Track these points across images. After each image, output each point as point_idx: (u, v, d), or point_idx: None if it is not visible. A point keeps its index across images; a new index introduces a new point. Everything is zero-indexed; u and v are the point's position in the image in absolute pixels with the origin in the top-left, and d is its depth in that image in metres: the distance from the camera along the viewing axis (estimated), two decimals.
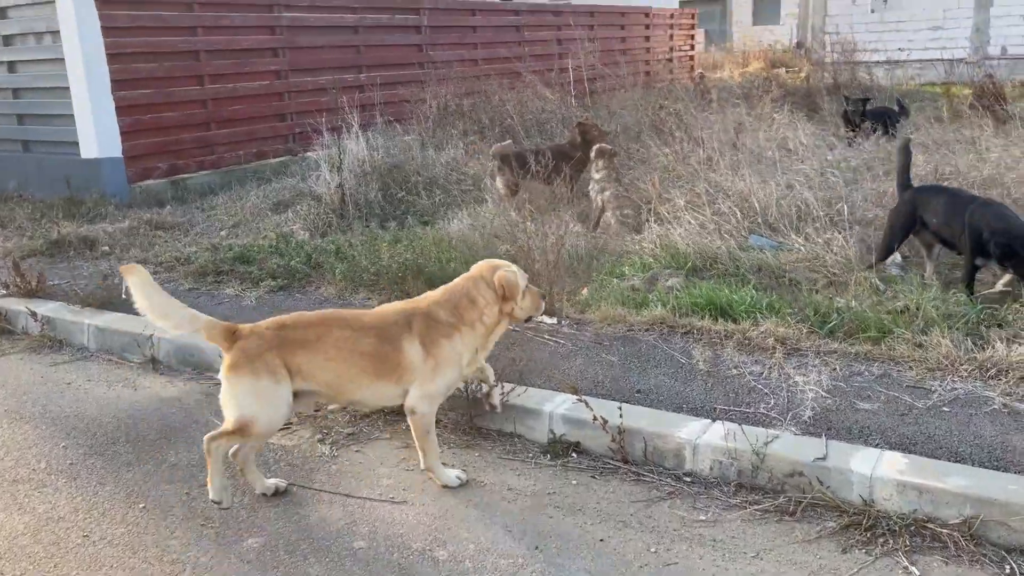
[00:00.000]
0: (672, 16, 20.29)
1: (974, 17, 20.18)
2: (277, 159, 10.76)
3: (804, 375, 3.92)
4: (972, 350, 3.93)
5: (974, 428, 3.36)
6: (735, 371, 4.05)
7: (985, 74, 19.93)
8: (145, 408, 4.37)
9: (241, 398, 3.19)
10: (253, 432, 3.22)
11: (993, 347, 3.91)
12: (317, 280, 5.87)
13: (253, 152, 10.61)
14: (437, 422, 3.64)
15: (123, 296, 5.77)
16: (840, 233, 5.73)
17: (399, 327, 3.36)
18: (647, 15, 19.17)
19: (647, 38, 19.28)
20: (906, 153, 5.54)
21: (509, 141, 8.09)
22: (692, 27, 21.27)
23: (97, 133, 8.91)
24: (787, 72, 24.46)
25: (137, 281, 3.18)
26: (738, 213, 6.28)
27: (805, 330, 4.34)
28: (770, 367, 4.05)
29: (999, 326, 4.19)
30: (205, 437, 3.24)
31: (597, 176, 7.08)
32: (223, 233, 7.64)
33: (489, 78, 12.08)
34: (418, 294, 5.36)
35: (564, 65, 14.95)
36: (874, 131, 9.85)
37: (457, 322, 3.43)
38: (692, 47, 21.45)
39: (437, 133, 9.83)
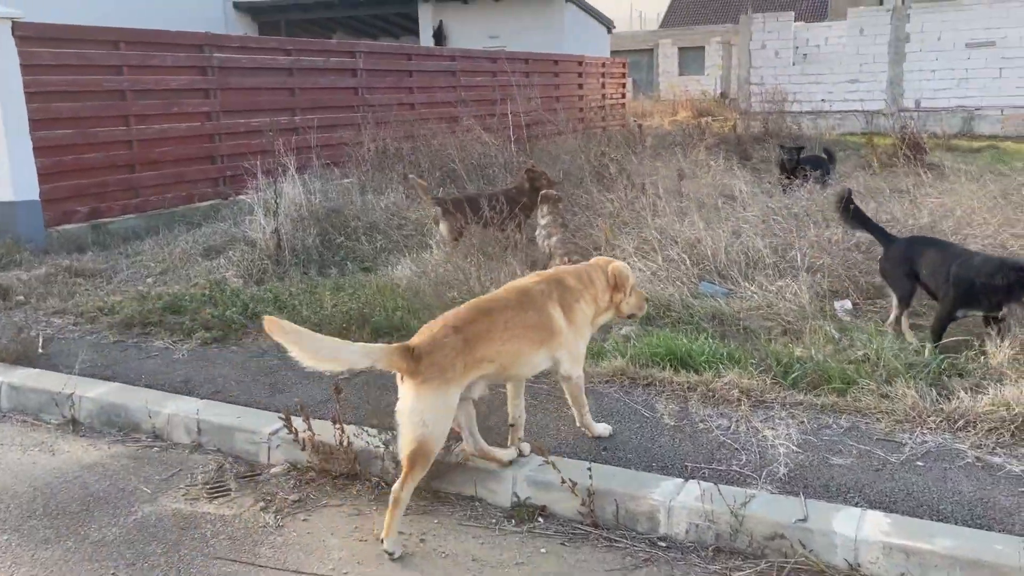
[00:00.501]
0: (604, 65, 20.66)
1: (888, 71, 21.10)
2: (207, 203, 10.38)
3: (773, 429, 3.80)
4: (938, 401, 3.87)
5: (952, 484, 3.28)
6: (702, 425, 3.90)
7: (901, 125, 20.94)
8: (65, 475, 3.98)
9: (427, 415, 3.13)
10: (430, 452, 3.18)
11: (958, 398, 3.86)
12: (254, 331, 5.55)
13: (182, 195, 10.20)
14: (390, 485, 3.40)
15: (39, 350, 5.35)
16: (793, 280, 5.73)
17: (544, 296, 3.54)
18: (580, 63, 19.46)
19: (580, 86, 19.55)
20: (852, 209, 5.54)
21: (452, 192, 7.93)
22: (623, 76, 21.69)
23: (12, 175, 8.40)
24: (714, 120, 25.21)
25: (285, 334, 3.08)
26: (687, 260, 6.23)
27: (769, 381, 4.24)
28: (737, 421, 3.92)
29: (959, 376, 4.16)
30: (395, 488, 3.16)
31: (543, 222, 6.97)
32: (150, 280, 7.23)
33: (427, 122, 11.97)
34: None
35: (501, 111, 15.01)
36: (808, 179, 10.04)
37: (583, 289, 3.69)
38: (623, 95, 21.85)
39: (376, 177, 9.62)
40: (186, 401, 4.48)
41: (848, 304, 5.57)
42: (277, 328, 3.08)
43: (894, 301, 5.16)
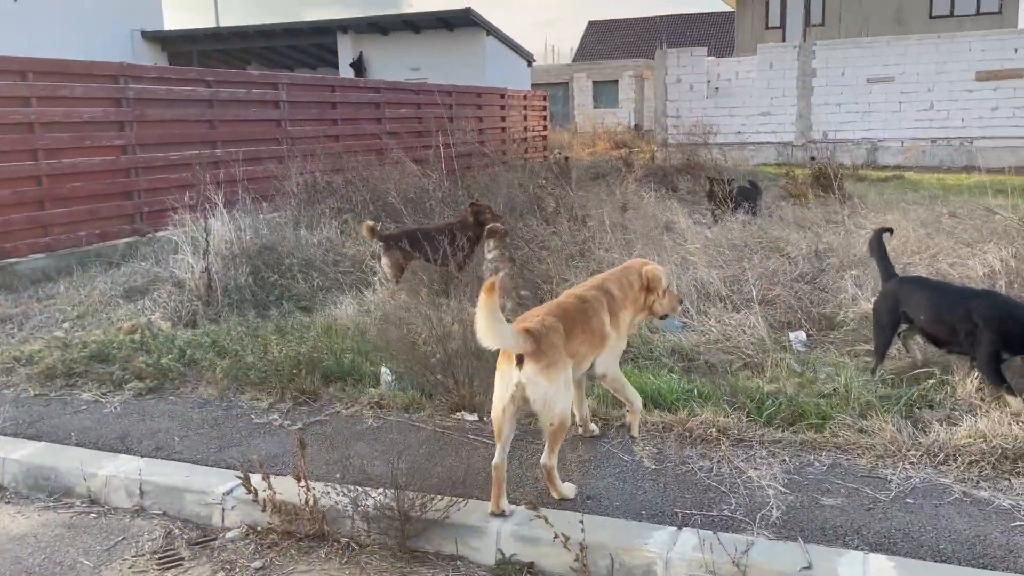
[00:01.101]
0: (526, 97, 20.78)
1: (797, 105, 21.90)
2: (124, 240, 9.84)
3: (756, 469, 3.71)
4: (915, 435, 3.85)
5: (946, 521, 3.23)
6: (684, 467, 3.78)
7: (811, 156, 21.71)
8: None
9: (562, 392, 3.38)
10: (567, 426, 3.47)
11: (934, 430, 3.85)
12: (194, 380, 5.17)
13: (96, 233, 9.63)
14: (362, 546, 3.20)
15: None
16: (748, 313, 5.71)
17: (598, 302, 3.77)
18: (502, 96, 19.50)
19: (503, 118, 19.58)
20: (879, 241, 5.20)
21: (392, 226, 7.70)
22: (544, 108, 21.86)
23: None
24: (631, 152, 25.68)
25: (492, 303, 3.15)
26: None
27: (744, 419, 4.15)
28: (718, 461, 3.82)
29: (930, 407, 4.17)
30: (544, 461, 3.47)
31: (490, 256, 6.80)
32: (66, 326, 6.73)
33: (356, 155, 11.72)
34: (314, 391, 4.88)
35: (427, 143, 14.87)
36: (738, 209, 10.20)
37: (624, 297, 3.91)
38: (545, 127, 22.00)
39: (307, 211, 9.30)
40: (125, 460, 4.10)
41: (803, 335, 5.58)
42: (492, 291, 3.16)
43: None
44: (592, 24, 48.92)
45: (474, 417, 4.46)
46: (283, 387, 4.85)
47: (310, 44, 22.31)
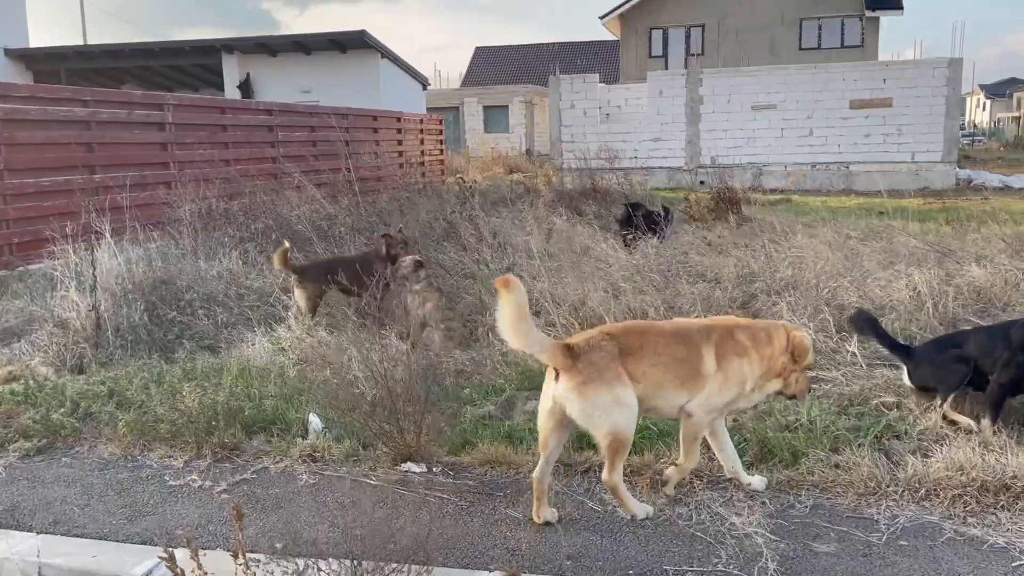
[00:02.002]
0: (422, 121, 20.45)
1: (687, 130, 22.47)
2: None
3: (739, 514, 3.47)
4: (892, 469, 3.72)
5: (947, 565, 3.07)
6: (661, 516, 3.50)
7: (698, 181, 22.27)
8: None
9: (608, 408, 3.24)
10: (624, 441, 3.30)
11: (910, 464, 3.72)
12: (91, 436, 4.53)
13: None
14: None
15: None
16: None
17: (700, 335, 3.48)
18: (399, 119, 19.10)
19: (400, 142, 19.17)
20: (868, 322, 4.74)
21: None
22: (440, 132, 21.59)
23: None
24: (525, 176, 25.72)
25: (514, 300, 3.12)
26: (576, 325, 5.90)
27: (714, 459, 3.92)
28: (696, 507, 3.56)
29: (896, 438, 4.06)
30: (604, 477, 3.34)
31: (416, 287, 6.38)
32: None
33: (252, 179, 11.07)
34: (236, 444, 4.35)
35: (323, 167, 14.31)
36: (650, 234, 10.16)
37: (751, 347, 3.51)
38: (442, 151, 21.72)
39: (204, 241, 8.61)
40: (17, 538, 3.48)
41: None
42: (513, 285, 3.12)
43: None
44: (480, 50, 49.16)
45: (422, 468, 4.05)
46: (199, 441, 4.30)
47: (192, 64, 21.26)
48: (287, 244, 6.74)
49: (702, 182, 21.88)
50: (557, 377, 3.28)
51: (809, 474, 3.75)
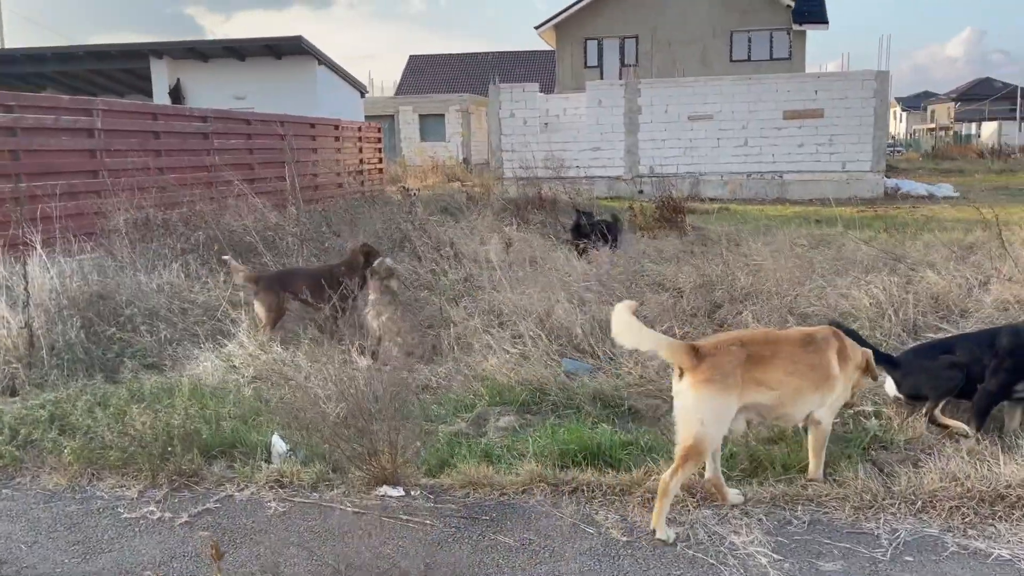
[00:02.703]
0: (360, 129, 20.06)
1: (625, 140, 22.62)
2: None
3: (737, 533, 3.35)
4: (886, 481, 3.66)
5: None
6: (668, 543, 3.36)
7: (637, 190, 22.44)
8: None
9: (705, 413, 3.28)
10: (703, 451, 3.31)
11: (903, 475, 3.67)
12: (32, 466, 4.16)
13: None
14: None
15: None
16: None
17: (826, 342, 3.61)
18: (337, 127, 18.68)
19: (338, 150, 18.74)
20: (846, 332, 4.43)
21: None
22: (379, 140, 21.23)
23: None
24: (463, 185, 25.53)
25: (627, 313, 3.38)
26: (543, 336, 5.75)
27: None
28: (692, 526, 3.43)
29: (884, 448, 4.01)
30: (664, 477, 3.30)
31: (372, 298, 6.14)
32: None
33: (189, 188, 10.62)
34: (194, 471, 4.05)
35: (259, 175, 13.90)
36: (600, 242, 10.10)
37: (851, 355, 3.70)
38: (380, 160, 21.36)
39: (143, 252, 8.17)
40: None
41: None
42: (627, 308, 3.44)
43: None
44: (413, 58, 48.83)
45: (399, 492, 3.83)
46: (154, 469, 3.99)
47: (118, 69, 20.42)
48: (228, 257, 6.44)
49: (641, 191, 22.05)
50: (680, 375, 3.39)
51: (803, 488, 3.66)
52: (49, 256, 6.95)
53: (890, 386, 4.46)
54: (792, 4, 32.04)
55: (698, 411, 3.28)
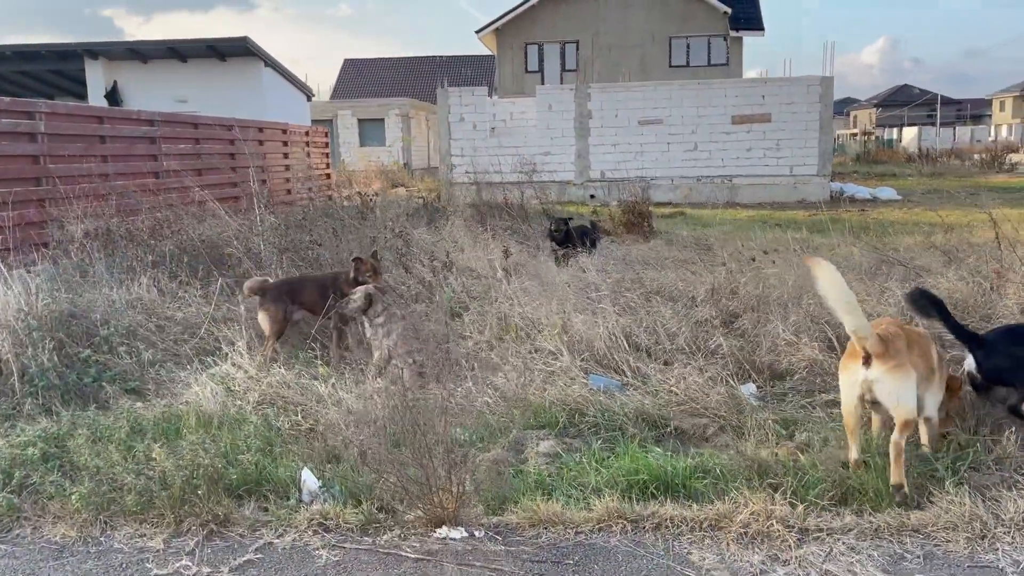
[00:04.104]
0: (308, 133, 19.41)
1: (576, 144, 22.49)
2: None
3: (851, 571, 3.09)
4: (991, 507, 3.44)
5: None
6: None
7: (589, 195, 22.33)
8: None
9: (909, 392, 3.58)
10: (914, 420, 3.67)
11: (1009, 500, 3.45)
12: (33, 515, 3.63)
13: None
14: None
15: None
16: (688, 365, 5.18)
17: (927, 341, 3.87)
18: (284, 131, 18.01)
19: (286, 155, 18.08)
20: (932, 302, 4.39)
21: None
22: (326, 145, 20.60)
23: None
24: (408, 190, 25.05)
25: (829, 275, 3.51)
26: (564, 350, 5.43)
27: (802, 507, 3.50)
28: (799, 565, 3.15)
29: (974, 469, 3.79)
30: (895, 438, 3.54)
31: (379, 320, 5.67)
32: None
33: (146, 195, 9.97)
34: (224, 515, 3.59)
35: (209, 181, 13.24)
36: (580, 249, 9.85)
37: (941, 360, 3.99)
38: (328, 165, 20.73)
39: (109, 266, 7.54)
40: None
41: (753, 388, 5.14)
42: (823, 267, 3.55)
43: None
44: (349, 62, 47.97)
45: (462, 534, 3.45)
46: (178, 515, 3.52)
47: (48, 71, 19.29)
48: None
49: (592, 196, 21.99)
50: (866, 363, 3.58)
51: (902, 516, 3.42)
52: (8, 272, 6.32)
53: (970, 362, 4.27)
54: (729, 11, 32.53)
55: (904, 390, 3.58)
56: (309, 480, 3.87)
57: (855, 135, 68.44)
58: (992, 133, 66.11)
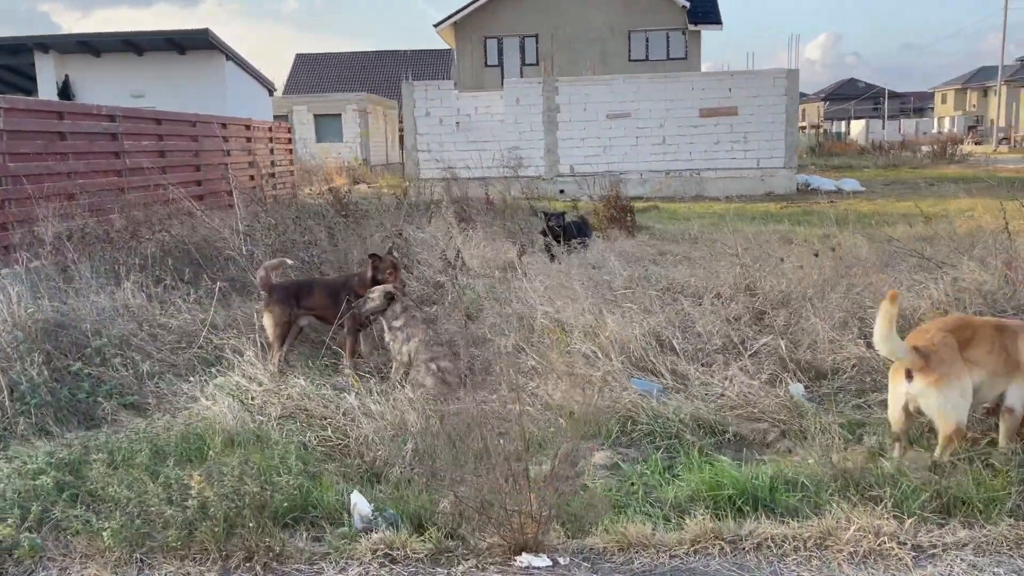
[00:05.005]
0: (271, 129, 18.81)
1: (545, 139, 22.22)
2: None
3: None
4: None
5: None
6: None
7: (559, 190, 22.12)
8: None
9: (957, 402, 3.56)
10: (963, 432, 3.63)
11: None
12: (58, 555, 3.21)
13: None
14: None
15: None
16: (729, 366, 4.94)
17: (1015, 334, 3.75)
18: (248, 127, 17.41)
19: (250, 151, 17.48)
20: None
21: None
22: (290, 140, 20.01)
23: None
24: (369, 187, 24.56)
25: (893, 314, 3.52)
26: (605, 352, 5.14)
27: (898, 516, 3.27)
28: None
29: None
30: (937, 455, 3.59)
31: (397, 324, 5.31)
32: None
33: (106, 193, 9.41)
34: (279, 548, 3.21)
35: (174, 179, 12.67)
36: (574, 244, 9.60)
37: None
38: (291, 161, 20.14)
39: (95, 270, 7.01)
40: None
41: (801, 388, 4.91)
42: (896, 300, 3.54)
43: None
44: (301, 57, 47.01)
45: (545, 562, 3.13)
46: (225, 549, 3.14)
47: None
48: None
49: (562, 191, 21.74)
50: (909, 377, 3.58)
51: (1014, 528, 3.19)
52: None
53: None
54: (688, 5, 32.57)
55: (949, 402, 3.53)
56: (361, 504, 3.52)
57: (804, 128, 69.52)
58: (936, 125, 67.72)
